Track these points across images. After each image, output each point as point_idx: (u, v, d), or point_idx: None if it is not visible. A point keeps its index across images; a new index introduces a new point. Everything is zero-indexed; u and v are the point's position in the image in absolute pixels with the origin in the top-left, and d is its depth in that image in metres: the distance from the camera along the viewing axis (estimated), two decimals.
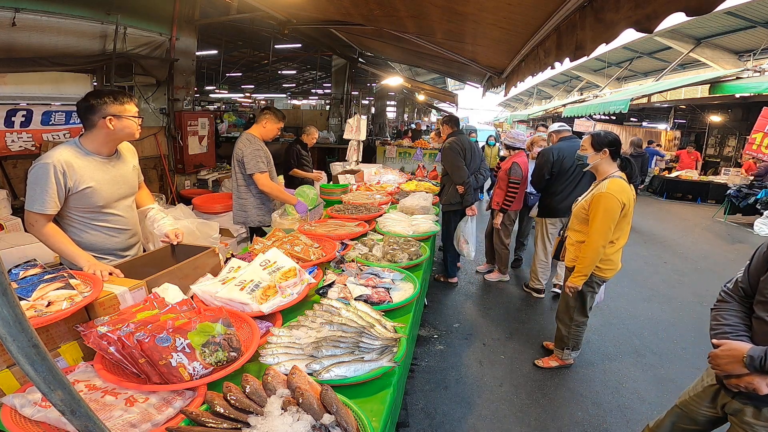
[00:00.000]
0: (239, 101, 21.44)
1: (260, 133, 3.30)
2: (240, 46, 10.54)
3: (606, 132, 2.69)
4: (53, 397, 0.61)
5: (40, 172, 1.78)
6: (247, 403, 1.08)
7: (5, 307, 0.53)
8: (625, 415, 2.62)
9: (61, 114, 4.32)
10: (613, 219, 2.49)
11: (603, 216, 2.49)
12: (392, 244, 2.49)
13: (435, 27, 3.63)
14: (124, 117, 1.90)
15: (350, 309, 1.62)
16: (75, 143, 1.92)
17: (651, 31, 1.23)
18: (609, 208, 2.48)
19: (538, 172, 4.01)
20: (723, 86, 7.81)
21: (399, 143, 10.41)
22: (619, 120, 15.66)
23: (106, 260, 1.98)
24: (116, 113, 1.87)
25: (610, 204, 2.47)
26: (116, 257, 2.08)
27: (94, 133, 1.91)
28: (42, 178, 1.78)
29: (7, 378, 1.16)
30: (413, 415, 2.54)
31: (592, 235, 2.54)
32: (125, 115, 1.90)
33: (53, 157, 1.80)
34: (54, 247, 1.84)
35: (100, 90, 1.95)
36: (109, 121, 1.86)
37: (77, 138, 1.94)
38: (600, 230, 2.51)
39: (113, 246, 2.07)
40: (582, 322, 2.87)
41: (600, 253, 2.55)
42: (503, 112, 40.86)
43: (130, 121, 1.93)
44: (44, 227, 1.80)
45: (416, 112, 27.80)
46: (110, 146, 1.98)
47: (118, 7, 4.56)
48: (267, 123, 3.30)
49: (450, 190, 4.09)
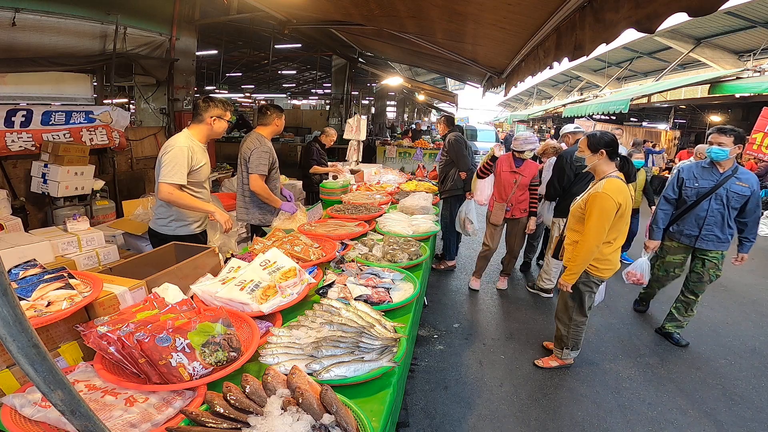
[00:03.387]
0: (239, 101, 21.45)
1: (271, 132, 3.27)
2: (240, 46, 10.54)
3: (602, 132, 2.68)
4: (53, 397, 0.61)
5: (179, 153, 2.37)
6: (247, 403, 1.08)
7: (5, 307, 0.53)
8: (625, 415, 2.61)
9: (61, 114, 4.32)
10: (608, 219, 2.49)
11: (598, 216, 2.49)
12: (392, 244, 2.49)
13: (435, 27, 3.64)
14: (223, 120, 2.56)
15: (350, 309, 1.62)
16: (187, 132, 2.50)
17: (652, 31, 1.23)
18: (604, 209, 2.47)
19: (558, 175, 3.97)
20: (723, 86, 7.81)
21: (399, 143, 10.41)
22: (619, 120, 15.66)
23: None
24: (219, 116, 2.53)
25: (606, 204, 2.46)
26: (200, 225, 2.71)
27: (201, 126, 2.52)
28: (180, 157, 2.37)
29: (7, 378, 1.16)
30: (413, 415, 2.54)
31: (586, 235, 2.54)
32: (224, 119, 2.56)
33: (184, 142, 2.41)
34: (189, 206, 2.46)
35: (213, 96, 2.60)
36: (213, 120, 2.51)
37: (186, 128, 2.54)
38: (594, 230, 2.51)
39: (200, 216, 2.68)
40: (581, 321, 2.87)
41: (593, 252, 2.56)
42: (503, 112, 40.90)
43: (225, 124, 2.58)
44: (181, 193, 2.41)
45: (416, 112, 27.81)
46: (207, 138, 2.58)
47: (118, 7, 4.56)
48: (277, 121, 3.29)
49: (455, 177, 4.58)
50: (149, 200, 4.18)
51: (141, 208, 4.10)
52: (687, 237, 3.31)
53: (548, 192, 4.16)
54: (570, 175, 3.89)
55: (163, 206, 2.55)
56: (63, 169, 3.89)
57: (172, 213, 2.56)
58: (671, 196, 3.38)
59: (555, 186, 4.02)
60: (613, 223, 2.53)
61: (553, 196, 4.13)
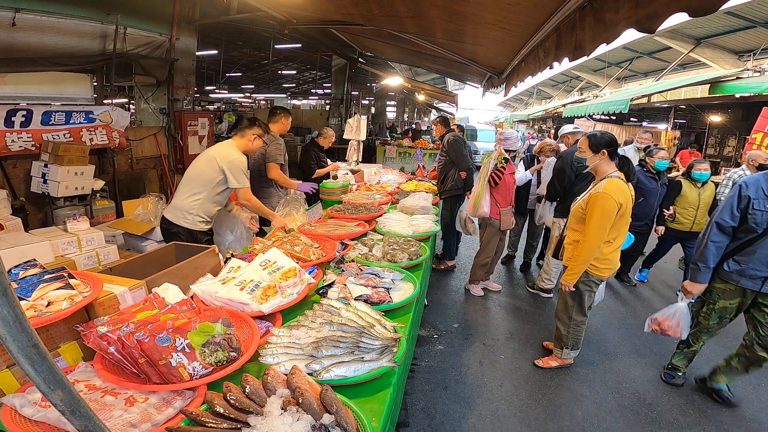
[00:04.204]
0: (239, 101, 21.45)
1: (279, 129, 3.73)
2: (240, 46, 10.54)
3: (602, 132, 2.67)
4: (53, 397, 0.61)
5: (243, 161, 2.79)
6: (247, 403, 1.08)
7: (5, 307, 0.53)
8: (625, 415, 2.62)
9: (61, 114, 4.31)
10: (609, 219, 2.49)
11: (599, 216, 2.49)
12: (392, 244, 2.49)
13: (435, 27, 3.64)
14: (261, 140, 2.94)
15: (350, 309, 1.62)
16: (233, 143, 2.89)
17: (653, 31, 1.23)
18: (605, 209, 2.47)
19: (559, 176, 3.93)
20: (723, 86, 7.80)
21: (399, 143, 10.41)
22: (619, 120, 15.66)
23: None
24: (259, 135, 2.90)
25: (607, 204, 2.47)
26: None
27: (242, 140, 2.87)
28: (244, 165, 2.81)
29: (7, 378, 1.16)
30: (413, 415, 2.54)
31: (587, 235, 2.54)
32: (262, 139, 2.95)
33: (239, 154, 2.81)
34: (262, 211, 2.89)
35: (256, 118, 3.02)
36: (253, 138, 2.87)
37: (231, 139, 2.92)
38: (595, 230, 2.51)
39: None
40: (581, 321, 2.87)
41: (594, 252, 2.56)
42: (503, 112, 40.89)
43: (260, 143, 2.96)
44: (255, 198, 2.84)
45: (416, 112, 27.81)
46: (244, 151, 2.89)
47: (118, 7, 4.56)
48: (284, 120, 3.76)
49: (455, 177, 4.56)
50: (149, 200, 4.18)
51: (141, 208, 4.10)
52: (751, 280, 2.41)
53: (549, 192, 4.15)
54: (570, 176, 3.88)
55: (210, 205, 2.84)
56: (63, 169, 3.89)
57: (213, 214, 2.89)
58: (729, 224, 2.42)
59: (556, 186, 4.00)
60: (613, 222, 2.53)
61: (553, 196, 4.11)
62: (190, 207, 2.77)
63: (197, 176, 2.80)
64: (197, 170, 2.82)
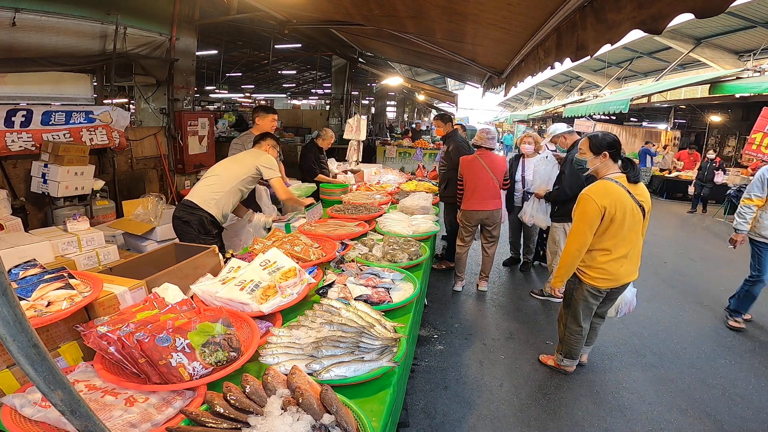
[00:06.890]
0: (239, 101, 21.43)
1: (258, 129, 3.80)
2: (240, 46, 10.53)
3: (604, 133, 2.55)
4: (53, 397, 0.61)
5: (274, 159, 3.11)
6: (247, 403, 1.08)
7: (5, 307, 0.53)
8: (625, 415, 2.61)
9: (61, 114, 4.31)
10: (588, 223, 2.37)
11: (578, 219, 2.41)
12: (392, 244, 2.49)
13: (435, 27, 3.64)
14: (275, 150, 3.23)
15: (350, 309, 1.62)
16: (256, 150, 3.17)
17: (659, 32, 1.22)
18: (584, 212, 2.38)
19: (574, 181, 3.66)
20: (723, 86, 7.81)
21: (399, 143, 10.41)
22: (619, 120, 15.65)
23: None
24: (273, 146, 3.18)
25: (587, 207, 2.36)
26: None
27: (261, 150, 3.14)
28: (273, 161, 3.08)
29: (7, 378, 1.16)
30: (413, 415, 2.54)
31: (568, 238, 2.49)
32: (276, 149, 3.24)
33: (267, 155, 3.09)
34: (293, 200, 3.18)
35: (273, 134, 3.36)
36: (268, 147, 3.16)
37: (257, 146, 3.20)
38: (574, 233, 2.42)
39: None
40: (575, 330, 2.75)
41: (575, 257, 2.45)
42: (503, 112, 40.85)
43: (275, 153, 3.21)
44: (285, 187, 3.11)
45: (416, 112, 27.78)
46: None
47: (118, 7, 4.55)
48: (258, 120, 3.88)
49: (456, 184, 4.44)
50: (149, 200, 4.17)
51: (141, 208, 4.09)
52: None
53: (553, 195, 3.96)
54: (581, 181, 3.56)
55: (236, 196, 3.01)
56: (63, 169, 3.89)
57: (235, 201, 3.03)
58: None
59: (566, 193, 3.73)
60: (605, 229, 2.39)
61: (561, 201, 3.87)
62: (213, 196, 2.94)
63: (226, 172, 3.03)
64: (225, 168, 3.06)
